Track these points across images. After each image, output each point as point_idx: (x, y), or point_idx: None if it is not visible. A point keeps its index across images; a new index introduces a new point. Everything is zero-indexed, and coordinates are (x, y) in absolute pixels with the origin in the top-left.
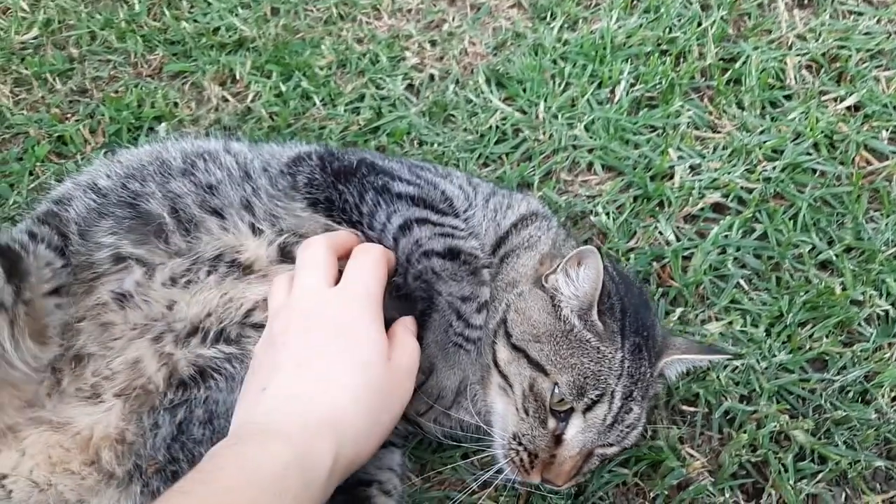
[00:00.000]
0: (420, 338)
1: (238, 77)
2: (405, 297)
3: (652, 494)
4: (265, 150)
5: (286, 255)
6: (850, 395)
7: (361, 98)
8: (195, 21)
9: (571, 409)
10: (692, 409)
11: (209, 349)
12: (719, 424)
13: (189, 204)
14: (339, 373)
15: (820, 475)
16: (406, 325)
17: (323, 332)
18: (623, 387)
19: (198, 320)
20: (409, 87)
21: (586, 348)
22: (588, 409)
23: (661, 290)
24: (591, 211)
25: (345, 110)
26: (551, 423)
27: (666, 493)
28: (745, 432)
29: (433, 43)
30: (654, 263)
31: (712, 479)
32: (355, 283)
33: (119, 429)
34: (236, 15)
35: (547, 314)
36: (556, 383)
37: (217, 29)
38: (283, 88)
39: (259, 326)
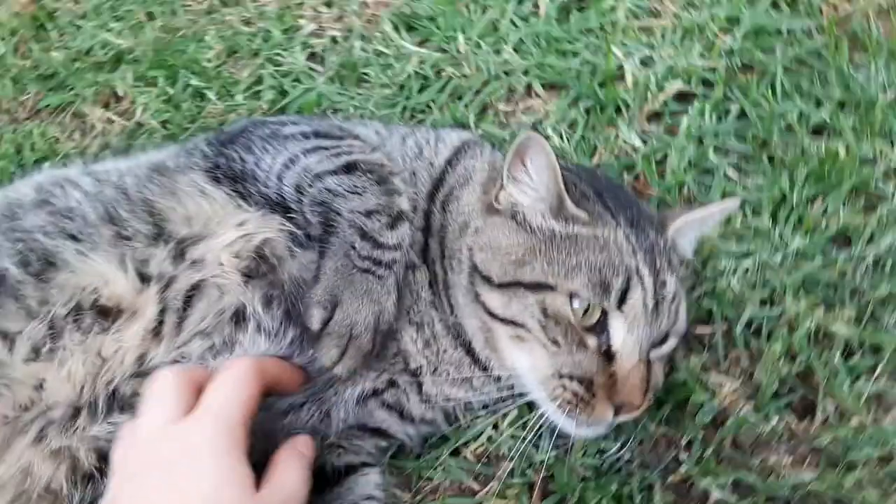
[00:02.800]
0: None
1: (121, 94)
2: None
3: (684, 441)
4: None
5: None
6: (888, 266)
7: (260, 80)
8: (66, 48)
9: (604, 314)
10: (709, 329)
11: (102, 426)
12: (745, 339)
13: (40, 238)
14: None
15: (878, 368)
16: (293, 449)
17: (159, 477)
18: (643, 261)
19: (76, 397)
20: (312, 56)
21: (581, 242)
22: (622, 301)
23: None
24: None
25: (244, 98)
26: (591, 340)
27: (701, 434)
28: (776, 341)
29: (328, 4)
30: (626, 175)
31: (752, 406)
32: (207, 410)
33: None
34: (109, 30)
35: (517, 233)
36: (570, 293)
37: (90, 49)
38: (172, 92)
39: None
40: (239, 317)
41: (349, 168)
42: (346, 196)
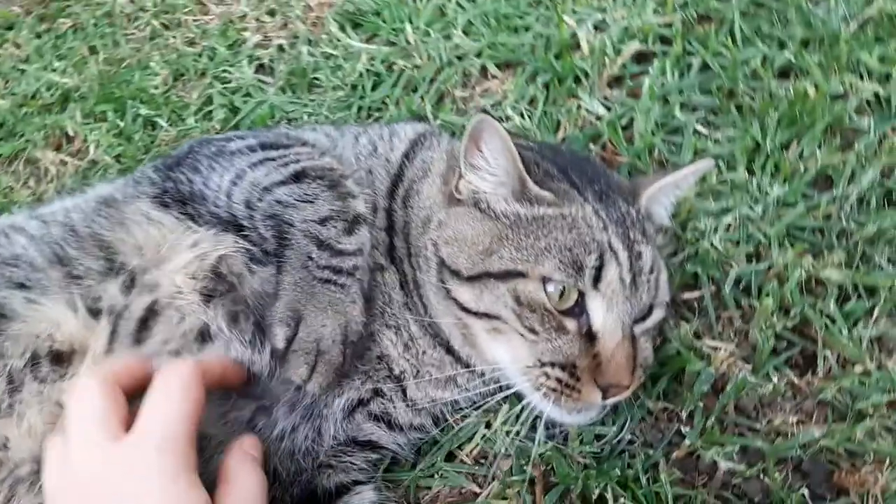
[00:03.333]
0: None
1: (72, 134)
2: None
3: (684, 413)
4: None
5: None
6: (873, 203)
7: (210, 101)
8: (12, 94)
9: (581, 295)
10: (696, 293)
11: None
12: (735, 298)
13: None
14: None
15: (875, 310)
16: (243, 453)
17: None
18: (616, 235)
19: (39, 451)
20: (260, 68)
21: (549, 223)
22: (597, 279)
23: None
24: (503, 118)
25: (196, 120)
26: (570, 324)
27: (701, 404)
28: (768, 296)
29: (271, 13)
30: (592, 146)
31: (750, 367)
32: (148, 430)
33: None
34: (53, 70)
35: (482, 222)
36: (543, 278)
37: (35, 93)
38: (122, 125)
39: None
40: (205, 336)
41: (298, 176)
42: (296, 206)
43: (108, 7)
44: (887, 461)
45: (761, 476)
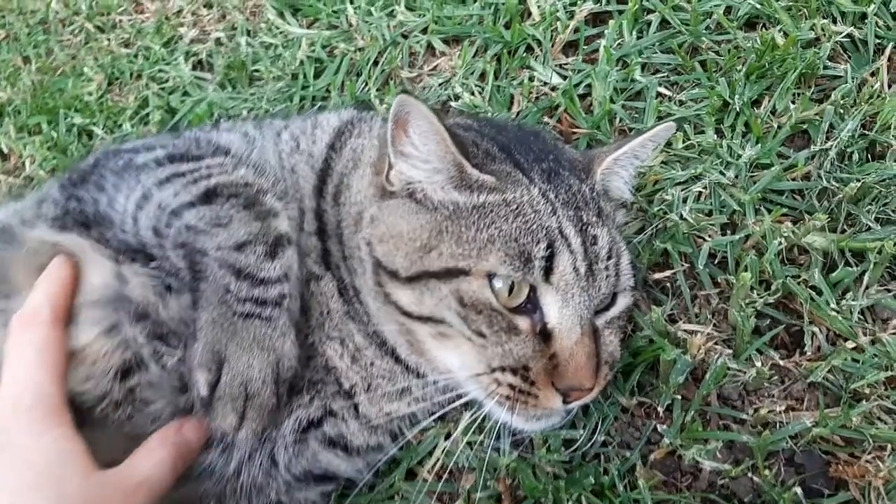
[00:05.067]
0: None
1: (6, 150)
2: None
3: (660, 409)
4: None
5: None
6: (855, 157)
7: (146, 103)
8: None
9: (533, 290)
10: (668, 273)
11: None
12: (710, 275)
13: None
14: None
15: (864, 277)
16: (164, 433)
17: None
18: (566, 219)
19: None
20: (198, 64)
21: (491, 210)
22: (548, 271)
23: (569, 146)
24: (452, 96)
25: (132, 125)
26: (522, 322)
27: (679, 396)
28: (746, 270)
29: (208, 5)
30: (548, 120)
31: (731, 352)
32: (9, 385)
33: None
34: None
35: (418, 215)
36: (488, 274)
37: None
38: (56, 136)
39: None
40: (129, 370)
41: (209, 196)
42: (208, 231)
43: (42, 14)
44: (889, 448)
45: (749, 474)
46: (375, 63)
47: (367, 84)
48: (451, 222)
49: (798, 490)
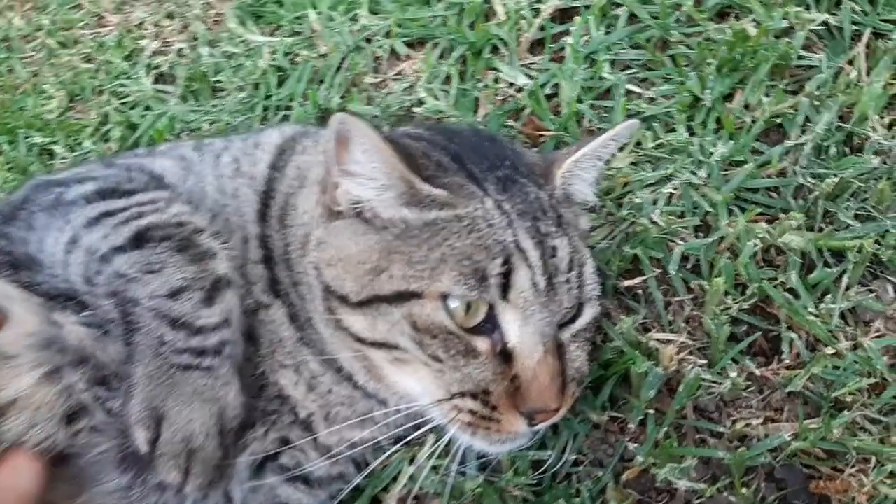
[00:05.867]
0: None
1: None
2: None
3: (633, 425)
4: None
5: None
6: (832, 150)
7: (107, 119)
8: None
9: (490, 308)
10: (638, 280)
11: None
12: (684, 280)
13: None
14: None
15: (844, 278)
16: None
17: None
18: (523, 231)
19: None
20: (160, 77)
21: (443, 227)
22: (506, 288)
23: (536, 150)
24: (416, 102)
25: (93, 143)
26: (481, 344)
27: (652, 411)
28: (719, 275)
29: (170, 16)
30: (513, 123)
31: (704, 361)
32: None
33: None
34: None
35: (366, 236)
36: (441, 295)
37: None
38: (16, 155)
39: None
40: (74, 415)
41: (139, 239)
42: (139, 279)
43: (3, 32)
44: (873, 460)
45: (726, 493)
46: (338, 70)
47: (329, 92)
48: (401, 242)
49: None
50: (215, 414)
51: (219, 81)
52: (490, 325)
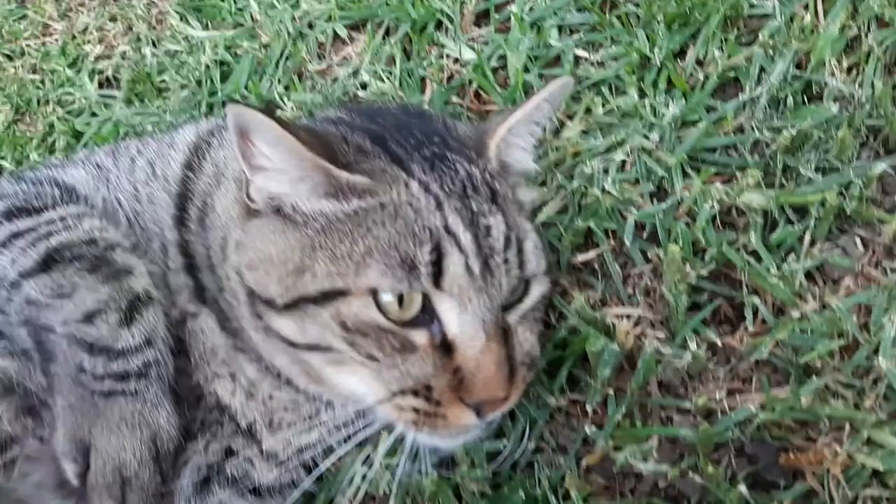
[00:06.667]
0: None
1: None
2: None
3: (590, 407)
4: None
5: None
6: (789, 101)
7: (52, 129)
8: None
9: (426, 299)
10: (593, 253)
11: None
12: (641, 250)
13: None
14: None
15: (805, 235)
16: None
17: None
18: (454, 211)
19: None
20: (106, 82)
21: (367, 216)
22: (438, 275)
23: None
24: (359, 85)
25: (39, 154)
26: (418, 336)
27: (611, 390)
28: (677, 241)
29: (113, 18)
30: (459, 100)
31: (662, 336)
32: None
33: None
34: None
35: (286, 233)
36: (370, 290)
37: None
38: None
39: None
40: (5, 444)
41: (49, 262)
42: (51, 305)
43: None
44: (847, 427)
45: (692, 473)
46: (281, 59)
47: (270, 84)
48: (323, 237)
49: (742, 488)
50: (147, 440)
51: (163, 81)
52: (427, 316)
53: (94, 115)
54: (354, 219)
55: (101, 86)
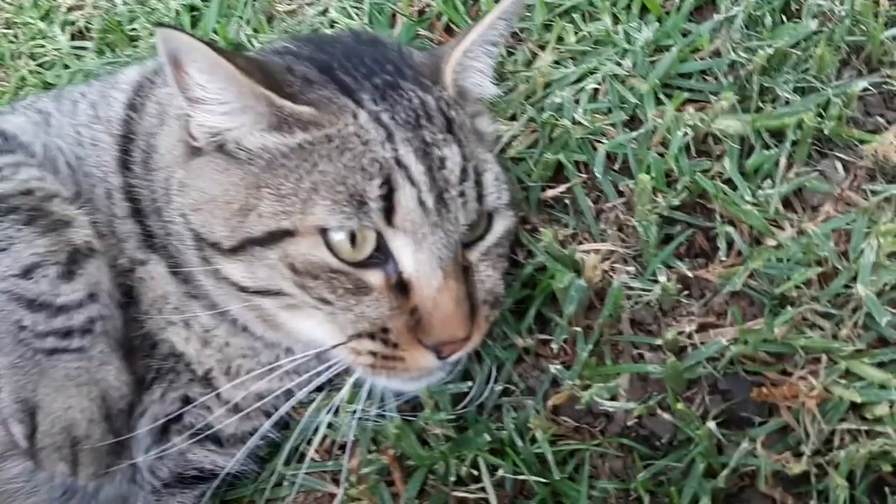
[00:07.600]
0: None
1: None
2: None
3: (555, 346)
4: None
5: None
6: (766, 19)
7: (24, 83)
8: None
9: (378, 236)
10: (562, 187)
11: None
12: (612, 182)
13: None
14: None
15: (780, 159)
16: None
17: None
18: (405, 142)
19: None
20: (78, 33)
21: (313, 150)
22: (390, 211)
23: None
24: (328, 23)
25: None
26: (372, 277)
27: (579, 328)
28: (648, 171)
29: None
30: (429, 33)
31: (632, 270)
32: None
33: None
34: None
35: (228, 172)
36: (318, 229)
37: None
38: None
39: None
40: None
41: None
42: None
43: None
44: (824, 359)
45: (660, 411)
46: (251, 0)
47: (240, 25)
48: (268, 174)
49: (711, 425)
50: (97, 398)
51: (133, 29)
52: (382, 255)
53: (66, 66)
54: (300, 153)
55: (73, 37)
